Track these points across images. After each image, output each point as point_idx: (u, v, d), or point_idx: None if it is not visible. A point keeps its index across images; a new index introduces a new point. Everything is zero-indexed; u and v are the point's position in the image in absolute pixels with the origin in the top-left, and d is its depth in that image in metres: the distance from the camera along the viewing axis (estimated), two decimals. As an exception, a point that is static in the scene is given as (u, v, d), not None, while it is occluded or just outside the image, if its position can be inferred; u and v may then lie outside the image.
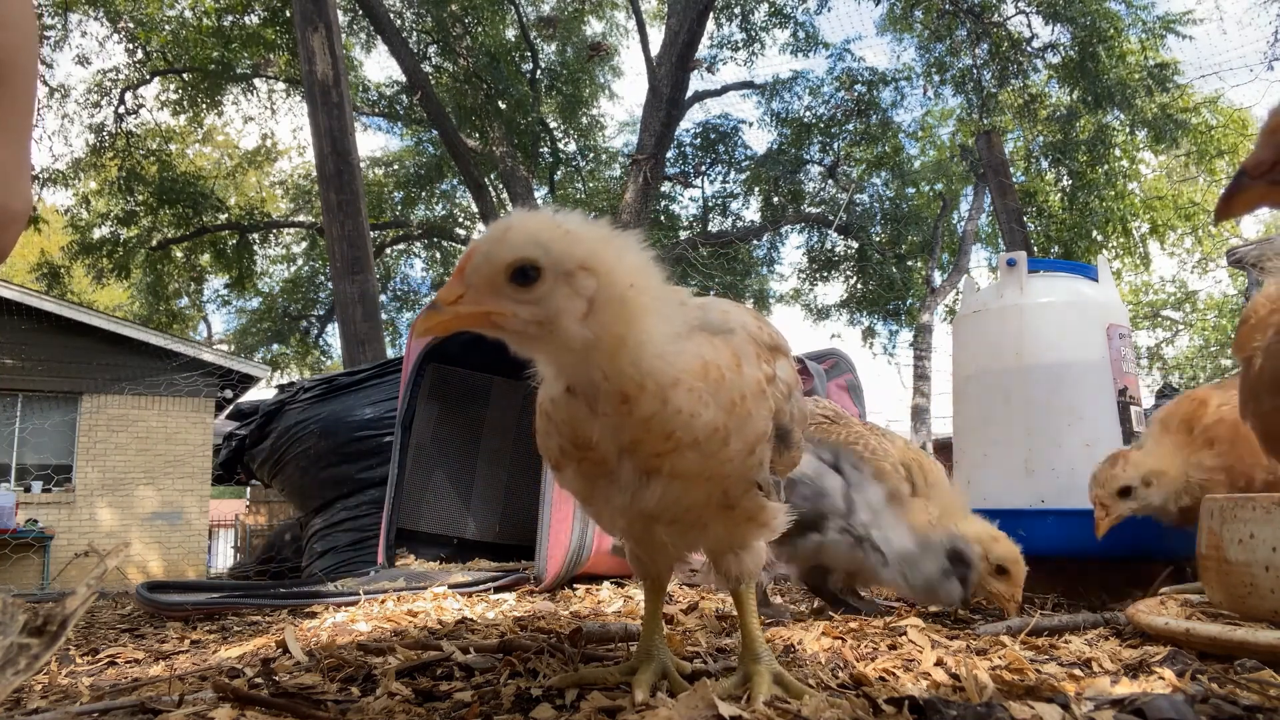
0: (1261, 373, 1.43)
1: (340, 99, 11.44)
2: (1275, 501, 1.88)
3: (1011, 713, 1.26)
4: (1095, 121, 17.43)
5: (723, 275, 19.70)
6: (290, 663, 1.89)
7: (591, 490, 1.36)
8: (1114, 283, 3.56)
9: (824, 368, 5.10)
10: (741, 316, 1.38)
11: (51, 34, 17.61)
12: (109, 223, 19.77)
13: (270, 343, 25.13)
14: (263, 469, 6.02)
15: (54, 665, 2.12)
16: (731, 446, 1.27)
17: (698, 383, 1.22)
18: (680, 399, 1.20)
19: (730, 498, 1.38)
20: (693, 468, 1.26)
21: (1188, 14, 16.39)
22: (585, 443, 1.26)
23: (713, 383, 1.23)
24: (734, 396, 1.26)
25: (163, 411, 15.25)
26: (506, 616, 2.67)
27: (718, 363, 1.25)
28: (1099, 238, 18.18)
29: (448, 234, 23.99)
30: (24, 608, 1.06)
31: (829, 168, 20.75)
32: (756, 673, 1.44)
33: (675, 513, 1.36)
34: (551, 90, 20.58)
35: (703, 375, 1.23)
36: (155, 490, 15.07)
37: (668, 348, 1.20)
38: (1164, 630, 1.84)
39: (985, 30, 17.40)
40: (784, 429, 1.41)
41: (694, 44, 16.29)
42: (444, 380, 5.06)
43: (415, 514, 4.91)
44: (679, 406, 1.20)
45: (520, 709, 1.41)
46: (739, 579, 1.51)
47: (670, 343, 1.22)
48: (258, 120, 38.97)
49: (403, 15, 18.90)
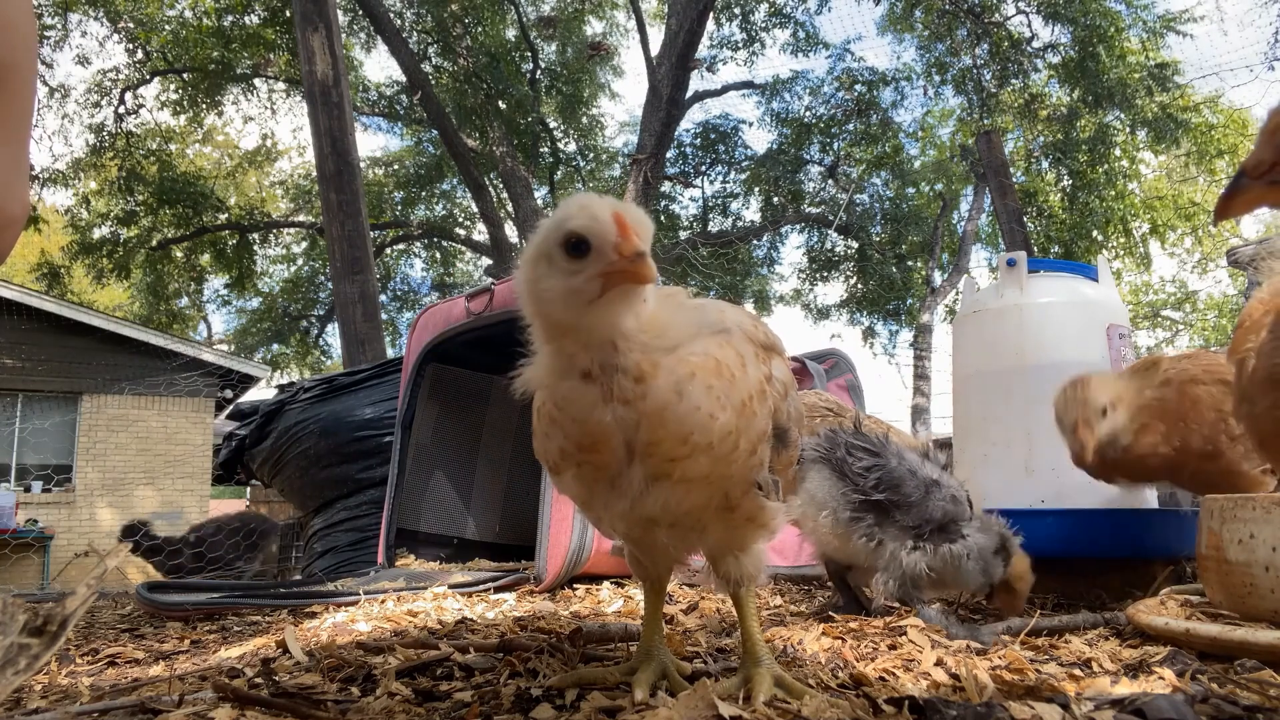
0: (1255, 373, 1.43)
1: (340, 99, 11.44)
2: (1275, 501, 1.88)
3: (1011, 713, 1.26)
4: (1095, 121, 17.43)
5: (723, 275, 19.70)
6: (290, 663, 1.90)
7: (591, 495, 1.36)
8: (1114, 283, 3.56)
9: (824, 368, 5.11)
10: (737, 316, 1.38)
11: (51, 34, 17.61)
12: (109, 223, 19.77)
13: (270, 343, 25.13)
14: (263, 469, 6.02)
15: (54, 665, 2.12)
16: (740, 448, 1.27)
17: (714, 380, 1.22)
18: (699, 395, 1.21)
19: (731, 499, 1.38)
20: (703, 472, 1.26)
21: (1188, 14, 16.40)
22: (593, 439, 1.25)
23: (726, 381, 1.24)
24: (743, 396, 1.26)
25: (163, 411, 15.26)
26: (506, 616, 2.67)
27: (727, 362, 1.25)
28: (1099, 238, 18.17)
29: (448, 234, 23.99)
30: (24, 608, 1.06)
31: (829, 168, 20.75)
32: (757, 674, 1.44)
33: (676, 516, 1.35)
34: (551, 90, 20.58)
35: (717, 373, 1.23)
36: (155, 490, 15.07)
37: (685, 340, 1.26)
38: (1164, 630, 1.84)
39: (985, 30, 17.41)
40: (782, 428, 1.41)
41: (694, 44, 16.29)
42: (444, 380, 5.06)
43: (415, 514, 4.91)
44: (697, 403, 1.21)
45: (520, 709, 1.41)
46: (739, 582, 1.51)
47: (688, 336, 1.27)
48: (258, 120, 39.01)
49: (403, 15, 18.90)
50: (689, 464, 1.24)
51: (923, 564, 2.28)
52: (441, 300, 4.89)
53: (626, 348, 1.21)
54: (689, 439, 1.22)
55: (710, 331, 1.30)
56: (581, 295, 1.19)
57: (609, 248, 1.18)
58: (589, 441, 1.26)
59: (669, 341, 1.23)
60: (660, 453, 1.24)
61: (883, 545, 2.32)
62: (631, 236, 1.17)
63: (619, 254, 1.17)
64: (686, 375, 1.21)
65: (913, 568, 2.28)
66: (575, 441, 1.28)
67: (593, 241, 1.18)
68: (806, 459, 2.43)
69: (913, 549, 2.30)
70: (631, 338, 1.22)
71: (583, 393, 1.24)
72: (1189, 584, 2.63)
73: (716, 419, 1.22)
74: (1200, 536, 2.07)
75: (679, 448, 1.22)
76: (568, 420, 1.27)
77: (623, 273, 1.17)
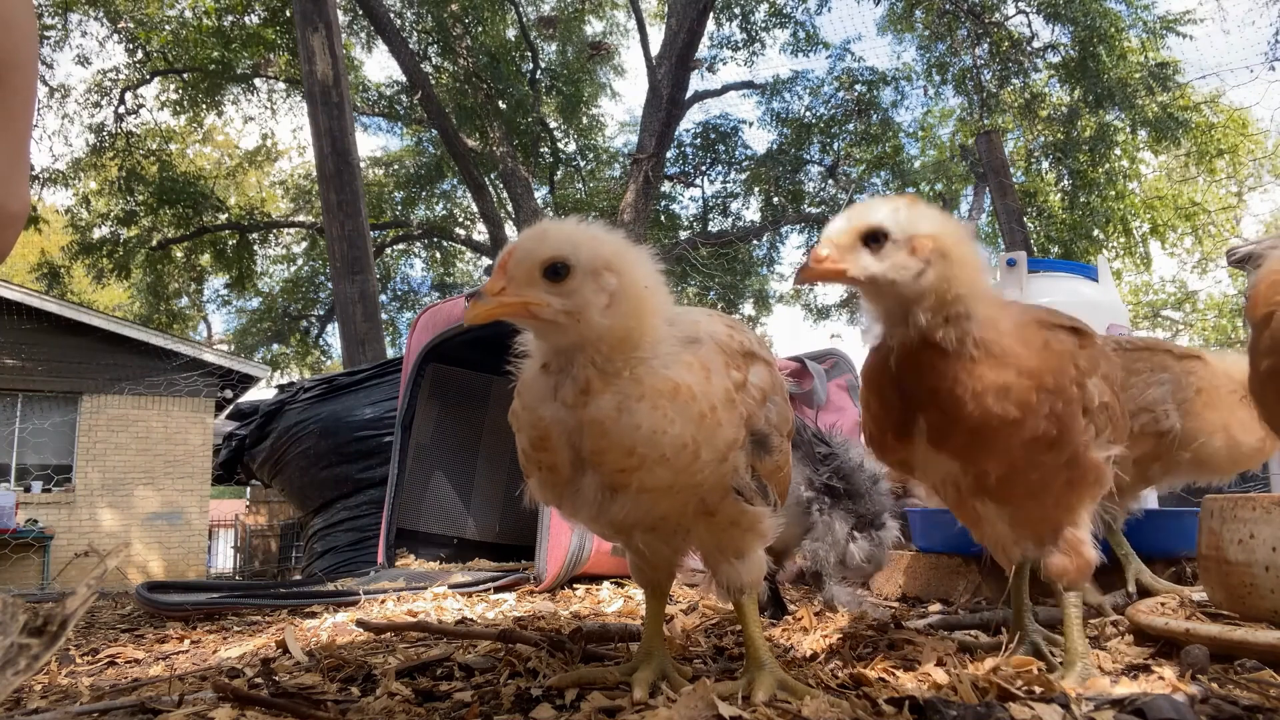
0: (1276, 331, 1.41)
1: (340, 99, 11.44)
2: (1275, 501, 1.88)
3: (1011, 713, 1.26)
4: (1096, 121, 17.43)
5: (723, 275, 19.71)
6: (290, 663, 1.90)
7: (559, 500, 1.39)
8: (1114, 283, 3.56)
9: (824, 368, 5.10)
10: (711, 326, 1.39)
11: (51, 34, 17.61)
12: (109, 223, 19.76)
13: (270, 343, 25.13)
14: (263, 469, 6.02)
15: (54, 665, 2.12)
16: (702, 458, 1.28)
17: (664, 398, 1.25)
18: (643, 413, 1.24)
19: (709, 505, 1.39)
20: (663, 483, 1.28)
21: (1188, 15, 16.40)
22: (540, 435, 1.30)
23: (683, 398, 1.26)
24: (703, 409, 1.27)
25: (163, 412, 15.25)
26: (506, 616, 2.67)
27: (684, 377, 1.28)
28: (1099, 237, 18.16)
29: (448, 234, 23.98)
30: (24, 608, 1.06)
31: (829, 168, 20.74)
32: (760, 676, 1.45)
33: (649, 521, 1.38)
34: (551, 90, 20.57)
35: (672, 391, 1.26)
36: (155, 490, 15.07)
37: (649, 350, 1.29)
38: (1164, 630, 1.84)
39: (985, 30, 17.41)
40: (760, 434, 1.41)
41: (694, 44, 16.29)
42: (444, 380, 5.06)
43: (415, 514, 4.91)
44: (639, 421, 1.23)
45: (520, 709, 1.41)
46: (740, 589, 1.51)
47: (669, 349, 1.30)
48: (258, 120, 38.96)
49: (403, 15, 18.90)
50: (645, 475, 1.26)
51: (860, 553, 2.50)
52: (442, 300, 4.89)
53: (585, 359, 1.26)
54: (634, 451, 1.24)
55: (680, 342, 1.31)
56: (555, 325, 1.29)
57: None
58: (538, 436, 1.31)
59: (632, 352, 1.26)
60: (608, 463, 1.26)
61: (829, 521, 2.50)
62: (496, 273, 1.27)
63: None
64: (635, 395, 1.24)
65: (850, 552, 2.50)
66: (529, 438, 1.33)
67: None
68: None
69: (858, 538, 2.51)
70: (594, 348, 1.26)
71: (538, 383, 1.31)
72: (1187, 587, 2.63)
73: (665, 433, 1.24)
74: (1200, 536, 2.07)
75: (625, 459, 1.25)
76: (522, 409, 1.34)
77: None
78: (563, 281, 1.25)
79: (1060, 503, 1.59)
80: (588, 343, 1.26)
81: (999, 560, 1.81)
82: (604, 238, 1.32)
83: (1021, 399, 1.41)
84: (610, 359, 1.26)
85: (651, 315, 1.30)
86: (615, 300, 1.26)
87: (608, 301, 1.26)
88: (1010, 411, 1.40)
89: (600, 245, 1.29)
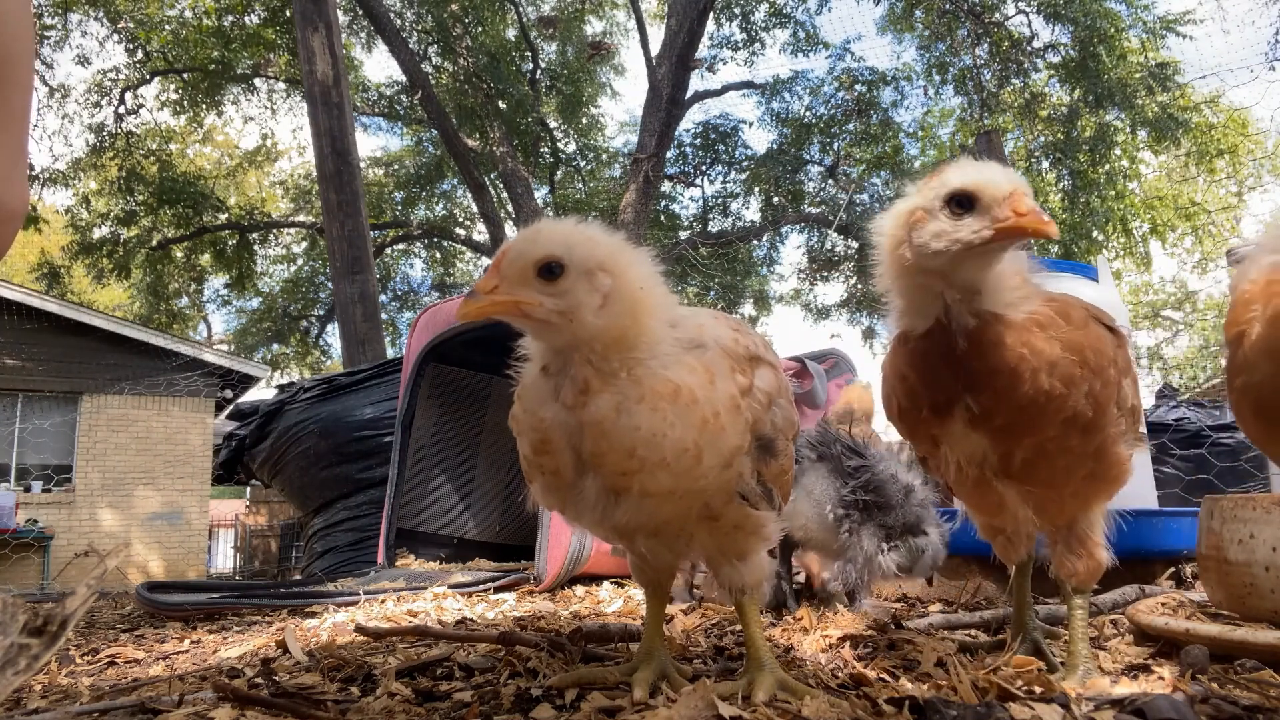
0: (1259, 340, 1.42)
1: (340, 99, 11.44)
2: (1275, 501, 1.88)
3: (1011, 713, 1.26)
4: (1096, 121, 17.42)
5: (723, 275, 19.70)
6: (290, 663, 1.90)
7: (563, 505, 1.39)
8: (1114, 283, 3.55)
9: (824, 368, 5.10)
10: (716, 330, 1.38)
11: (51, 34, 17.60)
12: (109, 223, 19.76)
13: (270, 343, 25.12)
14: (263, 469, 6.02)
15: (54, 665, 2.12)
16: (705, 463, 1.28)
17: (665, 401, 1.24)
18: (642, 416, 1.23)
19: (712, 509, 1.39)
20: (665, 487, 1.27)
21: (1188, 16, 16.39)
22: (542, 438, 1.30)
23: (684, 402, 1.25)
24: (705, 414, 1.27)
25: (163, 412, 15.24)
26: (506, 617, 2.67)
27: (688, 381, 1.27)
28: (1099, 237, 18.15)
29: (448, 234, 23.98)
30: (24, 608, 1.06)
31: (829, 168, 20.73)
32: (760, 676, 1.45)
33: (653, 526, 1.38)
34: (551, 90, 20.57)
35: (673, 395, 1.25)
36: (155, 490, 15.06)
37: (651, 354, 1.28)
38: (1164, 630, 1.84)
39: (985, 30, 17.41)
40: (765, 439, 1.40)
41: (694, 44, 16.29)
42: (444, 380, 5.06)
43: (415, 514, 4.91)
44: (638, 423, 1.23)
45: (520, 709, 1.41)
46: (742, 590, 1.51)
47: (669, 350, 1.30)
48: (258, 120, 38.92)
49: (403, 15, 18.89)
50: (646, 479, 1.26)
51: (893, 563, 2.43)
52: (442, 300, 4.90)
53: (581, 359, 1.26)
54: (634, 454, 1.23)
55: (682, 344, 1.31)
56: (548, 324, 1.31)
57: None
58: (539, 440, 1.30)
59: (628, 352, 1.26)
60: (609, 465, 1.26)
61: (858, 541, 2.44)
62: (490, 271, 1.28)
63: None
64: (634, 396, 1.24)
65: (884, 566, 2.43)
66: (531, 442, 1.33)
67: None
68: (803, 456, 2.49)
69: (889, 550, 2.43)
70: (589, 348, 1.26)
71: (539, 386, 1.31)
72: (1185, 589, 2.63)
73: (666, 436, 1.23)
74: (1200, 536, 2.07)
75: (626, 461, 1.24)
76: (523, 413, 1.34)
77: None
78: (556, 281, 1.25)
79: (1079, 493, 1.61)
80: (581, 343, 1.26)
81: (1004, 557, 1.81)
82: (599, 238, 1.32)
83: (1066, 374, 1.44)
84: (606, 359, 1.25)
85: (648, 316, 1.30)
86: (609, 301, 1.26)
87: (601, 302, 1.25)
88: (1056, 387, 1.43)
89: (594, 245, 1.29)
